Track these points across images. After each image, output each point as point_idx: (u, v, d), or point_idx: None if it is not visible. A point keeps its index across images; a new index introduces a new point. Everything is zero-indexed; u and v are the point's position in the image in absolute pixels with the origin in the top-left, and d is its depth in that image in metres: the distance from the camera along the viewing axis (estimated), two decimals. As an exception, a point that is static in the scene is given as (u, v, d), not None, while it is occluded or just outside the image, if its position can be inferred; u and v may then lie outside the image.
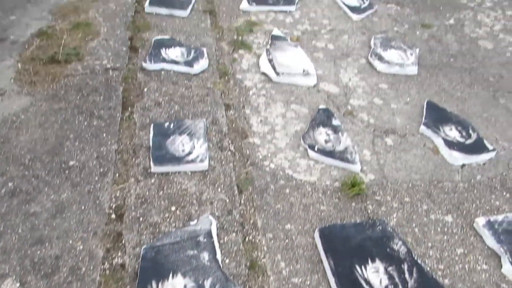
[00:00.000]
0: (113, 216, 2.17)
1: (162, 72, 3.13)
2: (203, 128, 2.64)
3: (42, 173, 2.32)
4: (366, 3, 4.19)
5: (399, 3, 4.36)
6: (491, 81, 3.37)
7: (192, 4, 3.93)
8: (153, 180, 2.36)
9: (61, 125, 2.61)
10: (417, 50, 3.59)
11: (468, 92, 3.24)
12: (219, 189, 2.35)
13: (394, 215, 2.32)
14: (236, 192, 2.35)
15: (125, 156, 2.49)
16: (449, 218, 2.33)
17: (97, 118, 2.68)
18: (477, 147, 2.71)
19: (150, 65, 3.14)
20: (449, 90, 3.24)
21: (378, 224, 2.22)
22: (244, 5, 4.04)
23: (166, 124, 2.65)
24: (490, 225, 2.24)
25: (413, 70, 3.39)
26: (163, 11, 3.82)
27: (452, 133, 2.80)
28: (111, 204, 2.22)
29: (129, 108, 2.81)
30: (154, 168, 2.40)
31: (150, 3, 3.85)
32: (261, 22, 3.85)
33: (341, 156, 2.59)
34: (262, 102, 2.99)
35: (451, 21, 4.13)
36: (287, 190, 2.40)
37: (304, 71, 3.22)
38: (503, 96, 3.22)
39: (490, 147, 2.71)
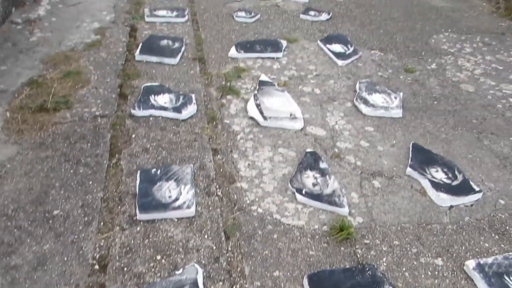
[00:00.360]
0: (97, 266, 2.11)
1: (151, 118, 3.16)
2: (190, 174, 2.64)
3: (25, 223, 2.28)
4: (351, 50, 4.33)
5: (383, 50, 4.52)
6: (474, 123, 3.44)
7: (181, 52, 4.04)
8: (138, 228, 2.32)
9: (47, 173, 2.60)
10: (401, 93, 3.68)
11: (453, 134, 3.29)
12: (206, 236, 2.31)
13: (384, 259, 2.29)
14: (223, 238, 2.32)
15: (110, 204, 2.46)
16: (439, 262, 2.30)
17: (83, 166, 2.67)
18: (464, 188, 2.72)
19: (138, 112, 3.18)
20: (433, 132, 3.30)
21: (367, 269, 2.18)
22: (233, 52, 4.16)
23: (153, 170, 2.65)
24: (480, 268, 2.21)
25: (398, 113, 3.46)
26: (153, 59, 3.91)
27: (438, 174, 2.82)
28: (95, 254, 2.17)
29: (117, 155, 2.81)
30: (140, 216, 2.37)
31: (141, 52, 3.95)
32: (249, 68, 3.96)
33: (329, 199, 2.58)
34: (249, 146, 3.01)
35: (433, 66, 4.27)
36: (275, 235, 2.37)
37: (291, 115, 3.27)
38: (487, 138, 3.27)
39: (477, 188, 2.72)
